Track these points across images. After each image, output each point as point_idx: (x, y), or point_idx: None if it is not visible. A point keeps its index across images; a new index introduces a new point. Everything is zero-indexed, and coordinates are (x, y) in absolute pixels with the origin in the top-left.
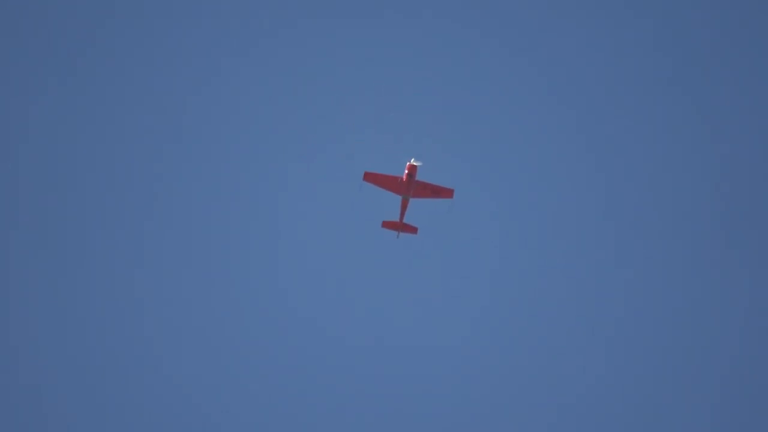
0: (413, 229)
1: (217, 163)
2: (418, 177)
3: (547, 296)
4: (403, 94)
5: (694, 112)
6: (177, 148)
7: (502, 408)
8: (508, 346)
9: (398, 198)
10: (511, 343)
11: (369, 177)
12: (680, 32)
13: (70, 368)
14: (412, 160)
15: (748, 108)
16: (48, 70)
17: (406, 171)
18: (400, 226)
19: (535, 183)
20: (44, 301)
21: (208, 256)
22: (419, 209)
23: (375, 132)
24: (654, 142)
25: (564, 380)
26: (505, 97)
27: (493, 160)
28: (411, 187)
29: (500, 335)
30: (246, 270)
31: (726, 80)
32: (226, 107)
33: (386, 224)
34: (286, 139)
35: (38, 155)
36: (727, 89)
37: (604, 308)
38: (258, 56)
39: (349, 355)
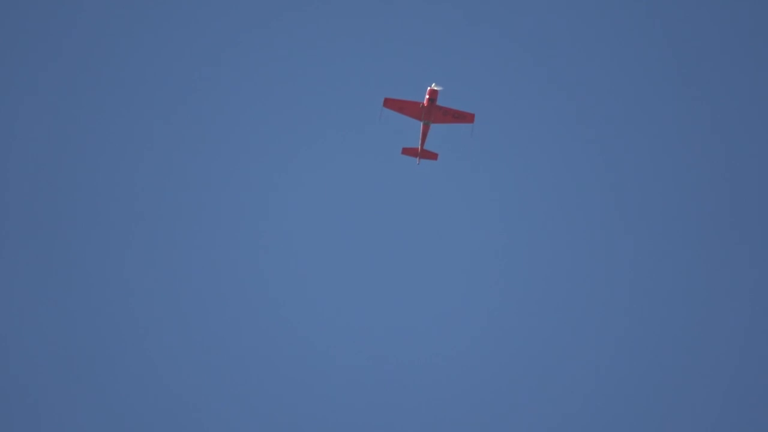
0: (433, 156)
1: (207, 161)
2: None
3: (548, 297)
4: (400, 91)
5: (703, 111)
6: (166, 148)
7: (500, 407)
8: (508, 348)
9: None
10: (511, 344)
11: (389, 103)
12: (688, 30)
13: (60, 368)
14: (433, 84)
15: (754, 108)
16: (34, 74)
17: (427, 96)
18: (421, 153)
19: (536, 181)
20: (35, 301)
21: (203, 249)
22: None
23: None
24: (659, 142)
25: (567, 381)
26: (511, 95)
27: (497, 157)
28: (432, 112)
29: (497, 335)
30: (241, 267)
31: (730, 80)
32: (217, 105)
33: (406, 151)
34: (278, 136)
35: (27, 155)
36: (731, 89)
37: (607, 308)
38: (256, 46)
39: (344, 362)
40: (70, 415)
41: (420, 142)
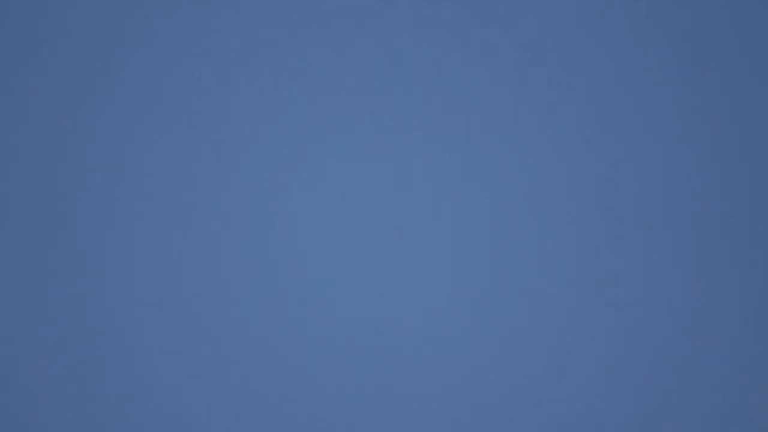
0: None
1: (211, 160)
2: None
3: (544, 291)
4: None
5: (704, 111)
6: (169, 147)
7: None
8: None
9: None
10: (506, 343)
11: None
12: (689, 31)
13: (57, 369)
14: None
15: (752, 108)
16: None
17: None
18: None
19: (536, 181)
20: (34, 302)
21: (208, 250)
22: None
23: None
24: (659, 142)
25: (565, 376)
26: (511, 95)
27: (495, 157)
28: None
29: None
30: (249, 267)
31: (731, 80)
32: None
33: None
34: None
35: (27, 156)
36: (733, 89)
37: (606, 304)
38: (262, 41)
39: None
40: (68, 415)
41: None
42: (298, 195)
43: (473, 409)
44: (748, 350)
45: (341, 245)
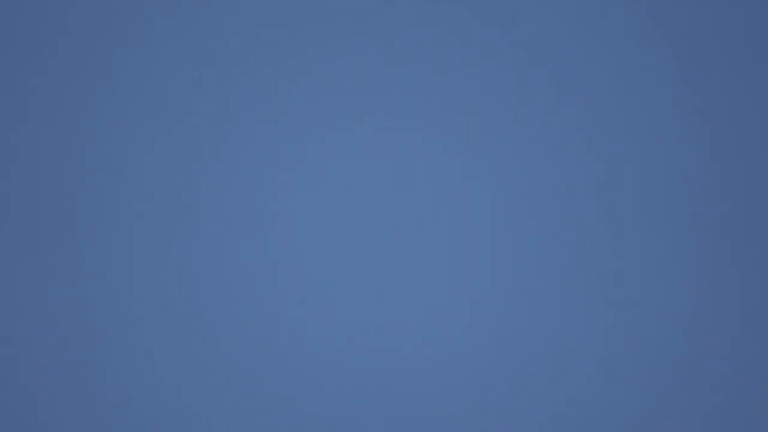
0: None
1: (212, 160)
2: None
3: (543, 289)
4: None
5: (704, 112)
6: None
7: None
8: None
9: None
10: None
11: None
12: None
13: (57, 370)
14: None
15: (749, 107)
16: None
17: None
18: None
19: (534, 181)
20: (31, 300)
21: (208, 251)
22: None
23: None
24: (659, 144)
25: (562, 376)
26: (511, 95)
27: (495, 157)
28: None
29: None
30: (248, 268)
31: (731, 81)
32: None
33: None
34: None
35: (28, 156)
36: (733, 90)
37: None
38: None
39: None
40: (68, 415)
41: None
42: (298, 195)
43: (473, 409)
44: (748, 350)
45: (341, 245)
